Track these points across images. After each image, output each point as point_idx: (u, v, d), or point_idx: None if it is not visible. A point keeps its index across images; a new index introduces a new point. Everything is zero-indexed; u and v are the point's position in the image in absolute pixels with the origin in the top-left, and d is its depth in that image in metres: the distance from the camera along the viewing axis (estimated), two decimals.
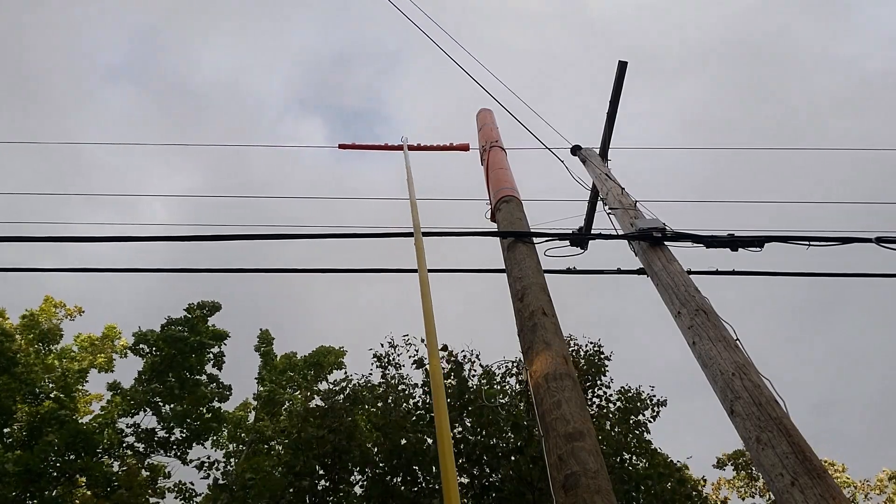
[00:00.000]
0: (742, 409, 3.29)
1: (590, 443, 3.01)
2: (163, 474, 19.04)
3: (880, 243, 4.66)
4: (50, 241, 5.07)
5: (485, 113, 8.09)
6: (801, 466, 2.84)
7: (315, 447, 12.17)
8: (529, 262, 4.66)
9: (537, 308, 4.06)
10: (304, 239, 5.07)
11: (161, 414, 19.11)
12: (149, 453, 18.95)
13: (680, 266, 4.71)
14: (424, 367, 13.02)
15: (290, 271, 5.35)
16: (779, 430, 3.07)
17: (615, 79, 6.81)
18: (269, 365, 23.70)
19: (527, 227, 5.25)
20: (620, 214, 5.62)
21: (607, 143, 7.08)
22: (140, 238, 5.26)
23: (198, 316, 20.56)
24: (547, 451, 3.13)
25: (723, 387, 3.51)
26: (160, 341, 19.53)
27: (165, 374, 19.41)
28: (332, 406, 13.28)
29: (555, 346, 3.73)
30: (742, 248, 4.92)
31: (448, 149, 8.83)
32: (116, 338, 21.82)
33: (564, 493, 2.80)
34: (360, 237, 5.12)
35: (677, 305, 4.26)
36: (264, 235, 5.17)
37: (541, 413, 3.35)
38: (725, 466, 24.58)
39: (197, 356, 19.95)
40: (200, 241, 5.13)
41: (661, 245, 4.95)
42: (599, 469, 2.87)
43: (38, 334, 20.10)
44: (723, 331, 3.89)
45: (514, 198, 5.74)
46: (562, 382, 3.39)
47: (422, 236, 4.73)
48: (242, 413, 22.67)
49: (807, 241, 4.81)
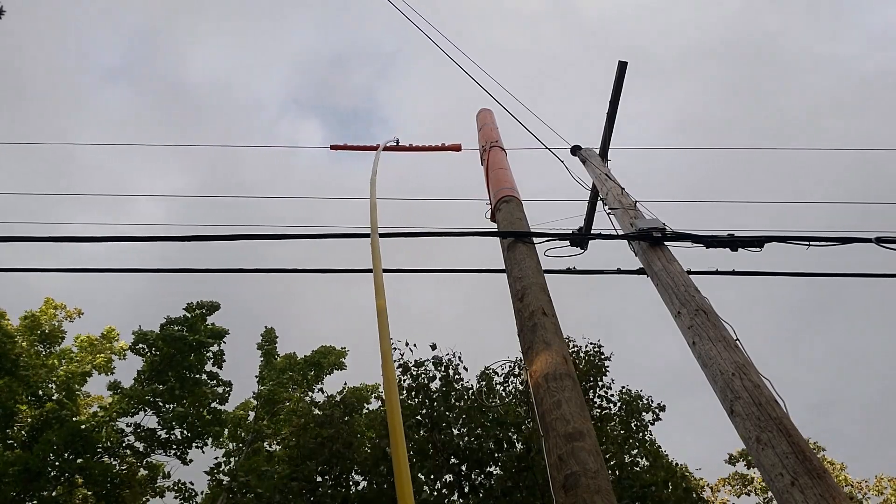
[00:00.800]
0: (742, 409, 3.29)
1: (590, 443, 3.01)
2: (162, 474, 19.05)
3: (880, 243, 4.66)
4: (42, 241, 5.06)
5: (485, 113, 8.09)
6: (801, 466, 2.84)
7: (314, 456, 12.22)
8: (529, 262, 4.66)
9: (537, 308, 4.06)
10: (283, 239, 5.05)
11: (161, 413, 19.11)
12: (148, 452, 18.96)
13: (680, 266, 4.71)
14: (410, 372, 13.00)
15: (280, 271, 5.34)
16: (779, 430, 3.06)
17: (615, 79, 6.81)
18: (270, 364, 23.71)
19: (527, 227, 5.24)
20: (620, 214, 5.62)
21: (607, 143, 7.08)
22: (130, 238, 5.25)
23: (196, 315, 20.57)
24: (547, 451, 3.12)
25: (723, 387, 3.51)
26: (159, 341, 19.54)
27: (165, 374, 19.42)
28: (330, 416, 13.29)
29: (555, 346, 3.73)
30: (742, 248, 4.91)
31: (440, 149, 8.80)
32: (115, 339, 21.82)
33: (564, 493, 2.80)
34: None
35: (677, 305, 4.26)
36: (251, 236, 5.16)
37: (541, 413, 3.35)
38: (737, 463, 24.70)
39: (196, 355, 19.96)
40: (187, 241, 5.12)
41: (661, 245, 4.95)
42: (599, 469, 2.87)
43: (39, 336, 20.09)
44: (723, 331, 3.89)
45: (514, 198, 5.74)
46: (562, 382, 3.39)
47: (378, 237, 4.59)
48: (242, 413, 22.68)
49: (807, 241, 4.81)
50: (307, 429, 13.09)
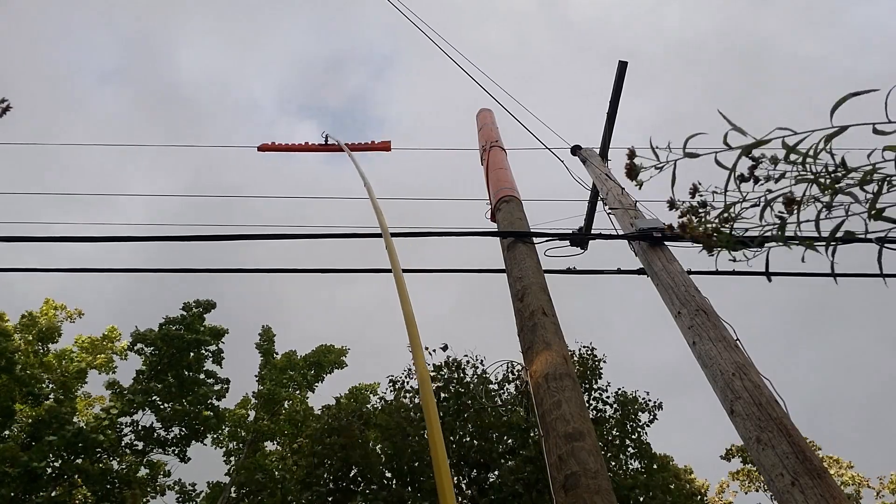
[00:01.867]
0: (742, 409, 3.29)
1: (590, 443, 3.01)
2: (162, 472, 19.04)
3: (880, 243, 4.65)
4: (43, 240, 5.06)
5: (485, 113, 8.08)
6: (801, 466, 2.84)
7: (328, 464, 12.30)
8: (529, 262, 4.66)
9: (537, 308, 4.06)
10: (281, 239, 5.06)
11: (160, 412, 19.11)
12: (147, 452, 18.95)
13: (680, 266, 4.71)
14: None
15: (279, 271, 5.34)
16: (779, 431, 3.06)
17: (615, 79, 6.81)
18: (269, 363, 23.69)
19: (527, 227, 5.24)
20: (620, 214, 5.62)
21: (607, 143, 7.08)
22: (129, 238, 5.26)
23: (194, 314, 20.57)
24: (547, 451, 3.12)
25: (723, 387, 3.50)
26: (158, 340, 19.54)
27: (164, 373, 19.41)
28: (346, 426, 13.29)
29: (555, 346, 3.73)
30: (742, 248, 4.90)
31: (371, 148, 8.77)
32: (116, 339, 21.84)
33: (564, 493, 2.80)
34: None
35: (677, 305, 4.26)
36: (239, 236, 5.15)
37: (541, 413, 3.35)
38: (733, 458, 24.69)
39: (195, 354, 19.96)
40: (185, 241, 5.12)
41: (661, 245, 4.95)
42: (599, 469, 2.86)
43: (36, 334, 20.10)
44: (723, 331, 3.89)
45: (514, 198, 5.74)
46: (562, 382, 3.39)
47: (391, 236, 4.58)
48: (242, 411, 22.67)
49: (806, 240, 4.80)
50: (320, 437, 13.13)
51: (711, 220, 2.00)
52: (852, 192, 1.75)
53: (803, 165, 1.76)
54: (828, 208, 1.81)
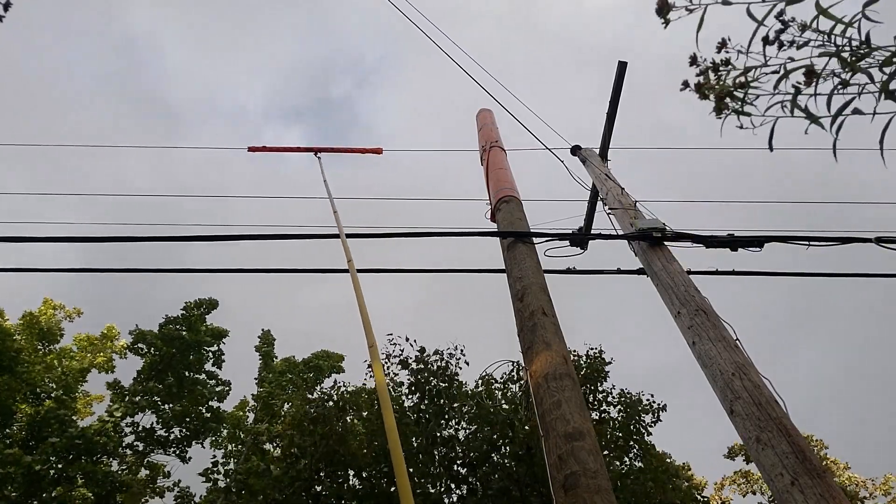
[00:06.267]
0: (742, 409, 3.29)
1: (590, 443, 3.01)
2: (162, 473, 19.03)
3: (880, 243, 4.66)
4: (42, 241, 5.07)
5: (485, 113, 8.08)
6: (801, 466, 2.84)
7: (309, 453, 12.22)
8: (529, 262, 4.66)
9: (537, 308, 4.06)
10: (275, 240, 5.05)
11: (160, 413, 19.10)
12: (147, 453, 18.94)
13: (680, 266, 4.71)
14: (409, 367, 13.02)
15: (279, 271, 5.35)
16: (778, 430, 3.06)
17: (615, 79, 6.81)
18: (268, 366, 23.68)
19: (527, 227, 5.24)
20: (620, 214, 5.62)
21: (607, 143, 7.08)
22: (128, 238, 5.26)
23: (196, 315, 20.55)
24: (547, 451, 3.12)
25: (723, 387, 3.51)
26: (158, 340, 19.53)
27: (164, 373, 19.41)
28: (322, 413, 13.22)
29: (555, 346, 3.73)
30: (742, 248, 4.91)
31: (362, 151, 8.85)
32: (115, 338, 21.82)
33: (564, 493, 2.80)
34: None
35: (677, 305, 4.26)
36: (244, 236, 5.16)
37: (541, 413, 3.35)
38: (736, 457, 24.67)
39: (195, 354, 19.95)
40: (181, 241, 5.13)
41: (661, 245, 4.95)
42: (599, 469, 2.86)
43: (37, 333, 20.08)
44: (723, 331, 3.89)
45: (514, 198, 5.74)
46: (562, 382, 3.39)
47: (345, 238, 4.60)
48: (241, 413, 22.65)
49: (806, 241, 4.81)
50: (301, 426, 13.06)
51: (728, 85, 1.97)
52: (870, 71, 1.73)
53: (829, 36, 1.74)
54: (844, 85, 1.78)
